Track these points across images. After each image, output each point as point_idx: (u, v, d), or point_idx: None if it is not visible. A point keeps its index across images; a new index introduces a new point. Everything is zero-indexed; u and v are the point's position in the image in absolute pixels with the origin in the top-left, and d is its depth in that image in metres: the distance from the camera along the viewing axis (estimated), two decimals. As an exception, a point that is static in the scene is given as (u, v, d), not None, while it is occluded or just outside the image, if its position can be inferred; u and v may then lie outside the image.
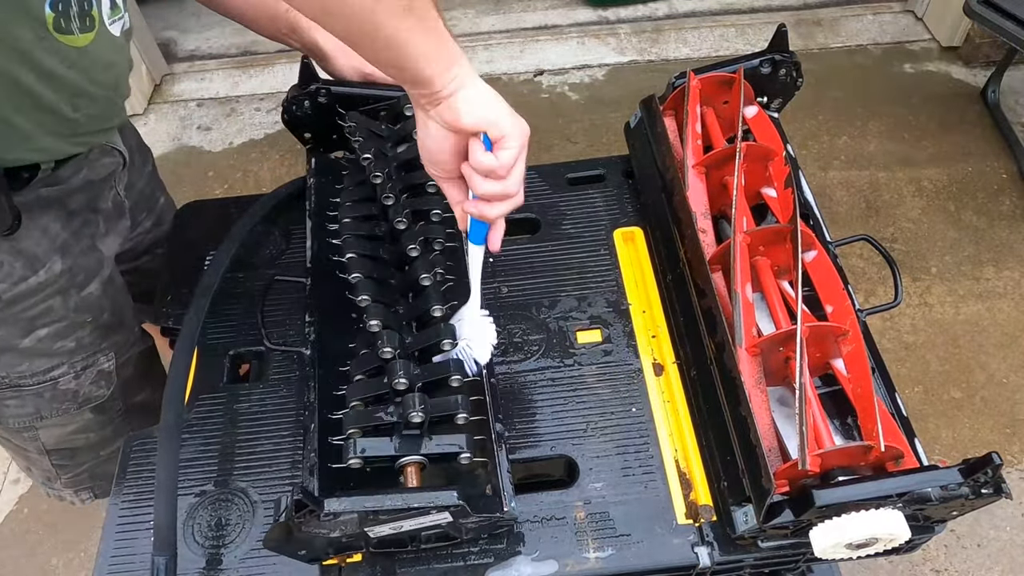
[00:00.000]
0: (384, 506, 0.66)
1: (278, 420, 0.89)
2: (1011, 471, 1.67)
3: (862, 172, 2.23)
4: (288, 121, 0.98)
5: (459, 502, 0.66)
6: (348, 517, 0.66)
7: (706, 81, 1.00)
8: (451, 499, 0.67)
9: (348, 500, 0.66)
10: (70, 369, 0.98)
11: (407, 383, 0.75)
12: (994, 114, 2.34)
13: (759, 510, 0.69)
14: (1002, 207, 2.14)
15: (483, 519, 0.72)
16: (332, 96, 0.95)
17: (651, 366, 0.91)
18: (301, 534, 0.68)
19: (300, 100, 0.94)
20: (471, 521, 0.71)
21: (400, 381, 0.74)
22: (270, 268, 1.03)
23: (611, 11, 2.73)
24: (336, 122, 0.99)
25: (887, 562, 1.55)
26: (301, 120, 0.97)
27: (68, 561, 1.62)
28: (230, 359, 0.95)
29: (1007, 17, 1.91)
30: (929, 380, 1.82)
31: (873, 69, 2.51)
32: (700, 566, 0.76)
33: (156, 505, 0.75)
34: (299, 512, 0.64)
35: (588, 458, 0.84)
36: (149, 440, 0.88)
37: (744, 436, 0.73)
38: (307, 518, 0.65)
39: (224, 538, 0.80)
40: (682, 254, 0.90)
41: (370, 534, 0.70)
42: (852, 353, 0.78)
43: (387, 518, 0.68)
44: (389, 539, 0.73)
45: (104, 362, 1.02)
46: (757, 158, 0.92)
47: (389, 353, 0.77)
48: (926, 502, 0.67)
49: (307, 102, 0.95)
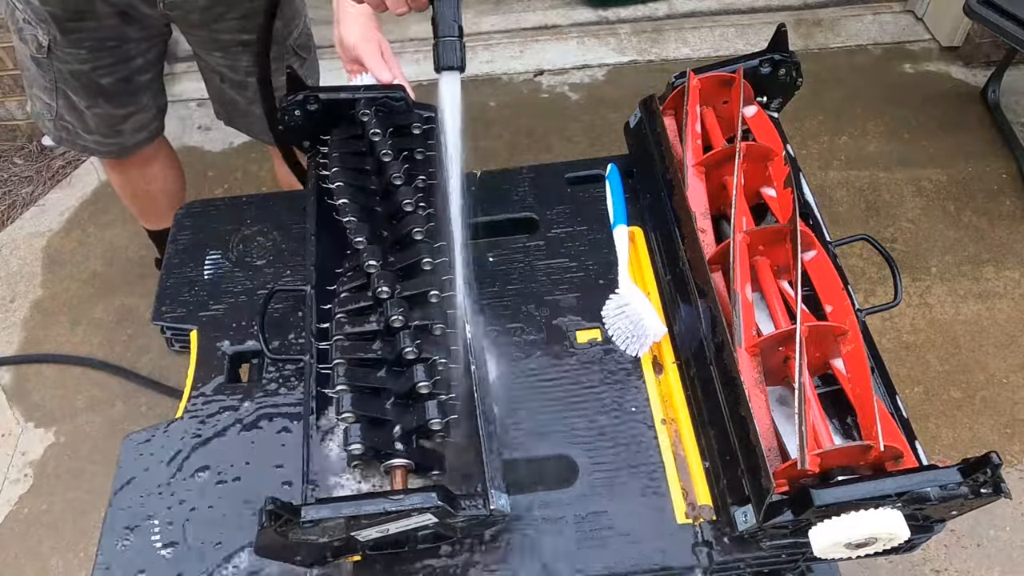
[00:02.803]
0: (363, 511, 0.66)
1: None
2: (1011, 471, 1.67)
3: (862, 172, 2.23)
4: (284, 131, 0.99)
5: (439, 504, 0.66)
6: (333, 523, 0.66)
7: (706, 81, 1.00)
8: (431, 501, 0.66)
9: (326, 507, 0.66)
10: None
11: (388, 291, 0.82)
12: (994, 114, 2.34)
13: (758, 510, 0.70)
14: (1002, 207, 2.14)
15: (471, 518, 0.71)
16: (321, 103, 0.96)
17: (651, 366, 0.91)
18: (291, 540, 0.67)
19: (291, 109, 0.96)
20: (459, 520, 0.71)
21: (383, 290, 0.82)
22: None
23: (611, 11, 2.73)
24: (329, 127, 0.99)
25: (887, 562, 1.55)
26: (296, 128, 0.98)
27: (68, 561, 1.62)
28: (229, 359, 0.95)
29: (1007, 17, 1.91)
30: (929, 380, 1.81)
31: (873, 69, 2.51)
32: (700, 566, 0.76)
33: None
34: (276, 522, 0.64)
35: (588, 457, 0.84)
36: (148, 440, 0.89)
37: (743, 436, 0.73)
38: (287, 527, 0.65)
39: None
40: (682, 254, 0.90)
41: (358, 538, 0.70)
42: (851, 353, 0.78)
43: (369, 522, 0.67)
44: (382, 541, 0.72)
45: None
46: (757, 158, 0.92)
47: (373, 268, 0.84)
48: (925, 502, 0.67)
49: (297, 111, 0.96)
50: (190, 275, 1.04)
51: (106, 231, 2.22)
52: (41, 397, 1.87)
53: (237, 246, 1.07)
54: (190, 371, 0.95)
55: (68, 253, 2.18)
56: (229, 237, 1.08)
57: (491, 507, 0.71)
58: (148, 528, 0.82)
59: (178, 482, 0.85)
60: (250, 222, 1.09)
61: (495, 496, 0.72)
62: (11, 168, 2.41)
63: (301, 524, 0.65)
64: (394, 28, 2.62)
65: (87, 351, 1.94)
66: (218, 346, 0.96)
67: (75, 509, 1.68)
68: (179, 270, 1.05)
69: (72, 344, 1.96)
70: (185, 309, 1.01)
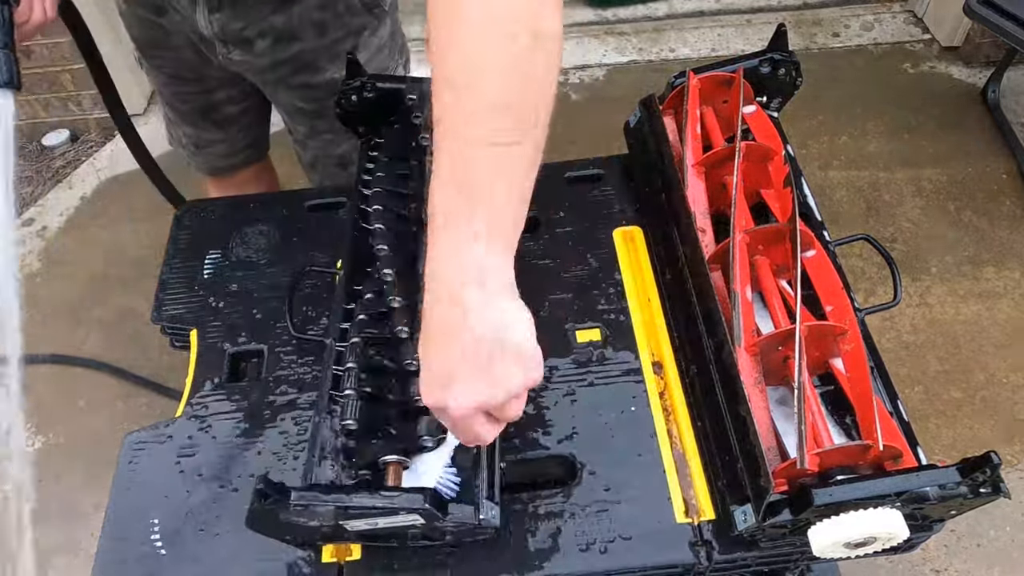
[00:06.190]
0: (351, 503, 0.67)
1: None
2: (1010, 471, 1.67)
3: (862, 172, 2.23)
4: (340, 115, 1.00)
5: (426, 506, 0.66)
6: (323, 509, 0.67)
7: (706, 81, 1.00)
8: (418, 502, 0.66)
9: (313, 495, 0.66)
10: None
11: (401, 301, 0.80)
12: (994, 114, 2.34)
13: (758, 509, 0.70)
14: (1002, 207, 2.14)
15: (459, 524, 0.71)
16: (378, 91, 0.97)
17: (650, 365, 0.91)
18: (282, 520, 0.68)
19: (348, 94, 0.96)
20: (448, 526, 0.71)
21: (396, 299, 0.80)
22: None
23: (611, 11, 2.73)
24: (386, 115, 1.00)
25: (887, 561, 1.55)
26: (352, 114, 0.99)
27: (68, 561, 1.62)
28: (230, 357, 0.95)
29: (1007, 17, 1.91)
30: (929, 380, 1.81)
31: (873, 69, 2.51)
32: (699, 565, 0.76)
33: None
34: (264, 501, 0.65)
35: (587, 457, 0.84)
36: (148, 440, 0.89)
37: (743, 435, 0.73)
38: (276, 507, 0.66)
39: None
40: (681, 254, 0.90)
41: (346, 527, 0.70)
42: (851, 352, 0.78)
43: (357, 514, 0.68)
44: (370, 533, 0.73)
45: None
46: (756, 158, 0.92)
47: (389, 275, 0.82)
48: (924, 501, 0.67)
49: (354, 96, 0.96)
50: (190, 275, 1.04)
51: (106, 231, 2.22)
52: (41, 397, 1.87)
53: (237, 246, 1.07)
54: (190, 371, 0.95)
55: (68, 253, 2.18)
56: (229, 237, 1.08)
57: (480, 517, 0.71)
58: (148, 528, 0.82)
59: (178, 482, 0.85)
60: (250, 222, 1.09)
61: (485, 507, 0.72)
62: (11, 168, 2.41)
63: (292, 507, 0.65)
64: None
65: (87, 351, 1.94)
66: (218, 346, 0.96)
67: (75, 509, 1.68)
68: (179, 270, 1.05)
69: (72, 344, 1.96)
70: (185, 309, 1.01)
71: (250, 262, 1.05)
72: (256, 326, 0.98)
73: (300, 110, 1.22)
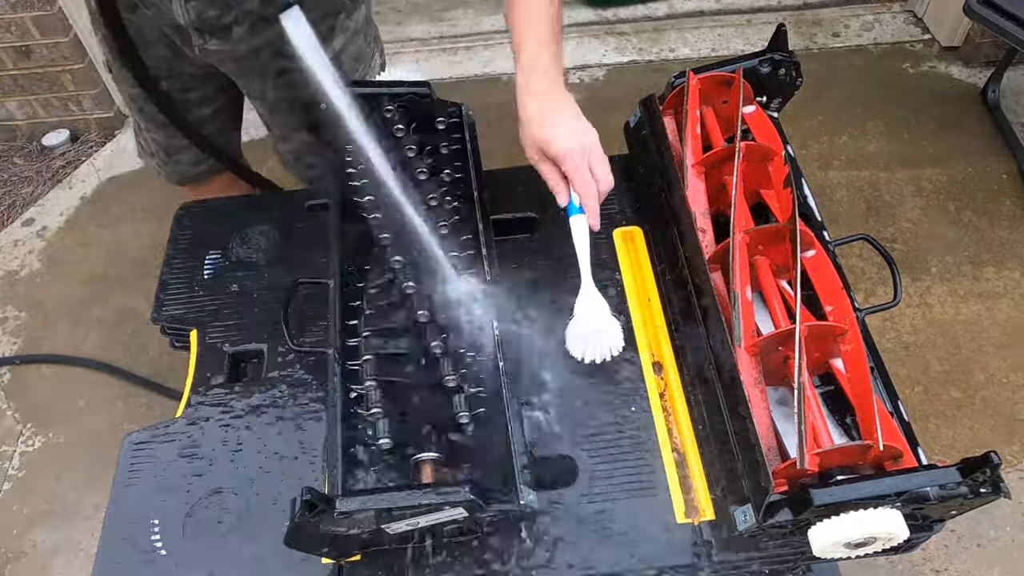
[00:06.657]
0: (397, 503, 0.66)
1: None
2: (1010, 471, 1.67)
3: (862, 172, 2.23)
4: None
5: (471, 497, 0.66)
6: (364, 515, 0.66)
7: (706, 81, 1.00)
8: (464, 495, 0.67)
9: (360, 499, 0.66)
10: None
11: (415, 287, 0.85)
12: (994, 114, 2.33)
13: (758, 509, 0.70)
14: (1002, 207, 2.14)
15: (498, 513, 0.71)
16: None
17: (651, 365, 0.91)
18: (322, 532, 0.68)
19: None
20: (488, 515, 0.71)
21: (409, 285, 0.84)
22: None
23: (611, 11, 2.73)
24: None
25: (887, 561, 1.55)
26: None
27: (69, 561, 1.62)
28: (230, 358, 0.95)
29: (1007, 17, 1.91)
30: (929, 380, 1.81)
31: (873, 69, 2.51)
32: (699, 565, 0.76)
33: None
34: (312, 512, 0.64)
35: (587, 457, 0.84)
36: (148, 440, 0.89)
37: (743, 435, 0.73)
38: (320, 517, 0.65)
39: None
40: (681, 254, 0.90)
41: (388, 531, 0.70)
42: (851, 353, 0.78)
43: (401, 515, 0.68)
44: (408, 535, 0.73)
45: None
46: (756, 158, 0.92)
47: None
48: (924, 501, 0.67)
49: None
50: (190, 275, 1.04)
51: (106, 231, 2.22)
52: (41, 397, 1.87)
53: (237, 246, 1.07)
54: (190, 371, 0.95)
55: (68, 253, 2.18)
56: (229, 237, 1.08)
57: (521, 501, 0.71)
58: (148, 528, 0.82)
59: (178, 482, 0.85)
60: (250, 222, 1.09)
61: (524, 491, 0.72)
62: (11, 168, 2.41)
63: (336, 515, 0.65)
64: (394, 28, 2.63)
65: (87, 351, 1.94)
66: (218, 346, 0.96)
67: (75, 509, 1.68)
68: (179, 270, 1.05)
69: (72, 344, 1.95)
70: (185, 309, 1.01)
71: (250, 262, 1.05)
72: (256, 326, 0.98)
73: (276, 102, 1.22)
